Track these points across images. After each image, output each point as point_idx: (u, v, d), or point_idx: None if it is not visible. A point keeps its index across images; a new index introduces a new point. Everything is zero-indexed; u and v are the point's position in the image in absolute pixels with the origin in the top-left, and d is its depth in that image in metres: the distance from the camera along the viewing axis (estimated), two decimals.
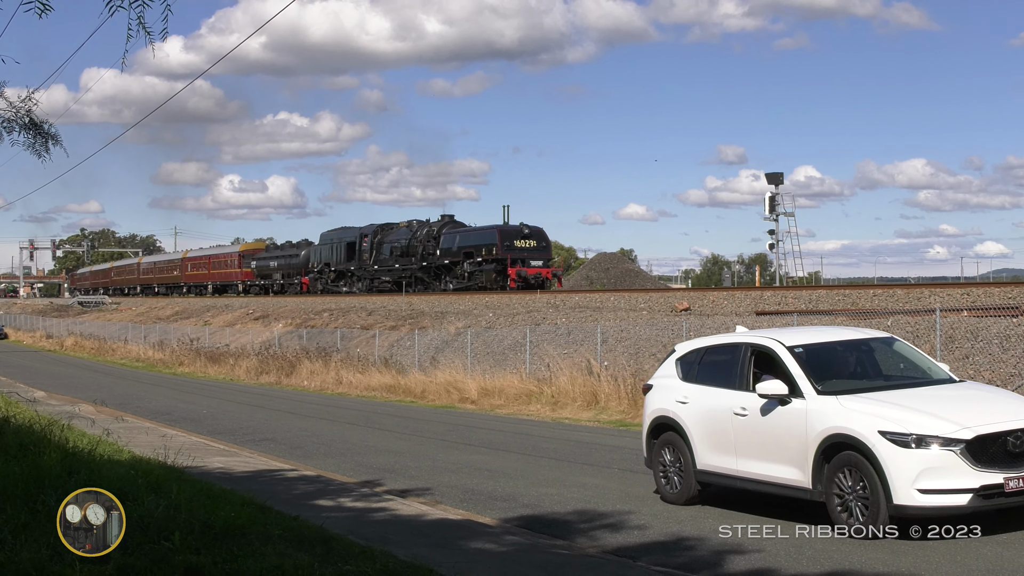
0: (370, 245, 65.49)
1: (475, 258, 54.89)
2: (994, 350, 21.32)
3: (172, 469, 13.89)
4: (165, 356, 55.42)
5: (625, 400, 25.75)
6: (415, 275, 60.45)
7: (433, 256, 58.88)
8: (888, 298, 29.46)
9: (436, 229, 59.80)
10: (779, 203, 65.24)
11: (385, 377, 35.98)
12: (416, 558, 9.68)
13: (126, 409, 28.56)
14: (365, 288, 64.94)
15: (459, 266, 56.41)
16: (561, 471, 17.07)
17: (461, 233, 58.30)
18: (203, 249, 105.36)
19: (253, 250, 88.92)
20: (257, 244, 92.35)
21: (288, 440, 22.43)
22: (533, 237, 54.63)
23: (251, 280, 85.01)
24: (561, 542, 11.71)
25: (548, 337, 33.26)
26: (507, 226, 55.45)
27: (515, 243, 53.48)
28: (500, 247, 53.12)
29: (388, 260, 63.34)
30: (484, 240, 55.10)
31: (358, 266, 66.64)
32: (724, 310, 32.61)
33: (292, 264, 77.23)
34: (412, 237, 61.12)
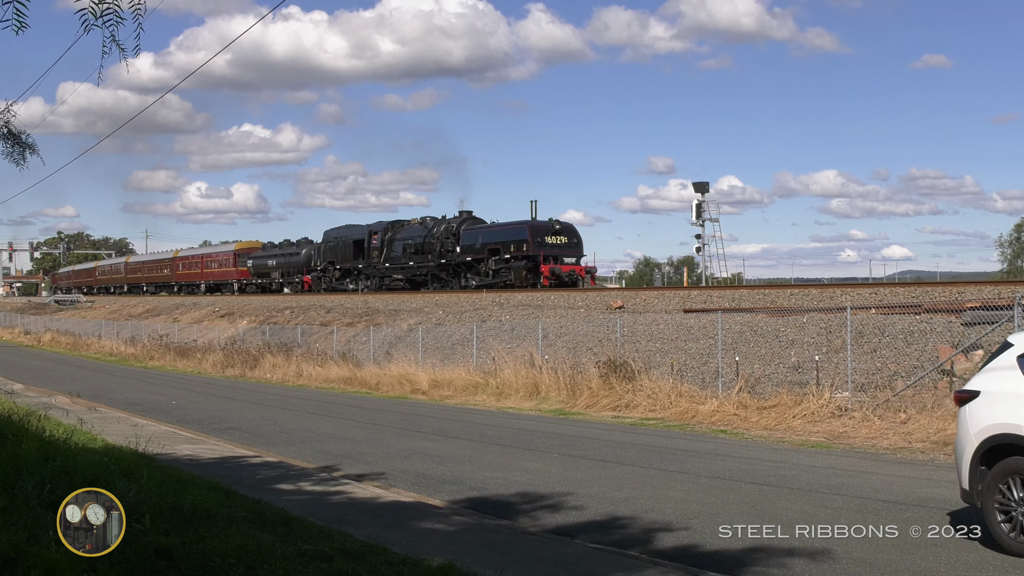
0: (380, 242, 59.68)
1: (502, 255, 49.08)
2: (899, 344, 21.56)
3: (143, 456, 13.76)
4: (137, 351, 54.89)
5: (564, 391, 25.85)
6: (432, 273, 54.83)
7: (452, 253, 53.23)
8: (804, 297, 29.72)
9: (455, 225, 54.04)
10: (705, 210, 65.56)
11: (342, 370, 35.88)
12: (371, 537, 9.67)
13: (100, 400, 28.25)
14: (375, 286, 59.46)
15: (483, 263, 50.59)
16: (505, 456, 17.10)
17: (484, 230, 52.42)
18: (195, 248, 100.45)
19: (249, 249, 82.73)
20: (253, 243, 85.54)
21: (252, 429, 22.30)
22: (564, 233, 49.10)
23: (247, 279, 79.41)
24: (505, 522, 11.72)
25: (493, 333, 33.30)
26: (537, 222, 49.94)
27: (546, 239, 48.08)
28: (531, 243, 47.52)
29: (400, 258, 57.54)
30: (512, 236, 49.06)
31: (366, 264, 61.13)
32: (655, 308, 32.76)
33: (292, 263, 71.88)
34: (428, 234, 55.40)
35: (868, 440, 17.91)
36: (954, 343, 20.43)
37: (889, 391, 20.09)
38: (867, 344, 22.00)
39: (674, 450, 17.50)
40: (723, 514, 11.56)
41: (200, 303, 70.10)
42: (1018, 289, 21.82)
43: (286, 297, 64.69)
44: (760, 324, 25.50)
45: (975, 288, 26.63)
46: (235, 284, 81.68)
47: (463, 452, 17.76)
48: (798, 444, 18.10)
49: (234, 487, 12.43)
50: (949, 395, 18.97)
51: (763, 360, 23.70)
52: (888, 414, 19.15)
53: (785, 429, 19.65)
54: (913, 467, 15.22)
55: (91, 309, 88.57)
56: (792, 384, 21.97)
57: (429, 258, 54.69)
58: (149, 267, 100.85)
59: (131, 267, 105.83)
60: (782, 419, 20.21)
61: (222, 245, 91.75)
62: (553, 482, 14.17)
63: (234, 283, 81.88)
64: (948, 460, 15.65)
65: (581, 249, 49.77)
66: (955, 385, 19.29)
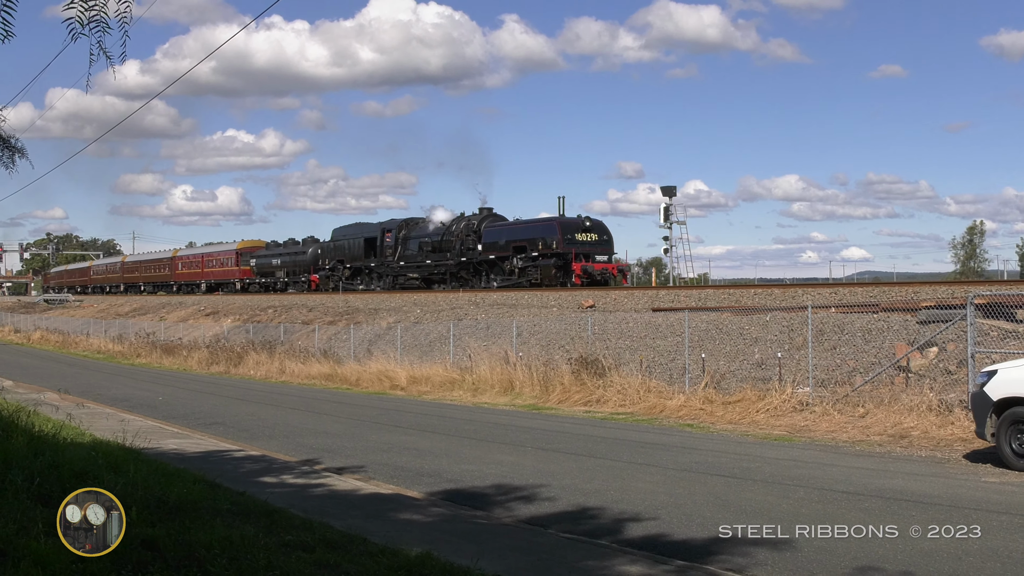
0: (394, 240, 56.09)
1: (528, 253, 45.53)
2: (857, 342, 21.66)
3: (130, 450, 13.69)
4: (124, 348, 54.59)
5: (537, 386, 25.85)
6: (451, 271, 51.34)
7: (473, 251, 49.63)
8: (767, 296, 29.82)
9: (476, 223, 50.65)
10: (672, 213, 65.54)
11: (324, 367, 35.78)
12: (351, 528, 9.64)
13: (88, 396, 28.07)
14: (388, 285, 56.05)
15: (507, 261, 47.12)
16: (481, 450, 17.09)
17: (509, 227, 49.01)
18: (195, 247, 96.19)
19: (252, 248, 78.97)
20: (256, 242, 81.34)
21: (236, 424, 22.20)
22: (595, 230, 45.43)
23: (250, 278, 75.87)
24: (480, 513, 11.71)
25: (470, 331, 33.29)
26: (566, 218, 46.66)
27: (576, 236, 44.55)
28: (561, 241, 44.12)
29: (417, 256, 54.08)
30: (540, 233, 45.63)
31: (379, 262, 57.37)
32: (624, 307, 32.79)
33: (298, 262, 68.13)
34: (446, 231, 52.28)
35: (828, 433, 17.99)
36: (910, 340, 20.53)
37: (848, 387, 20.18)
38: (827, 342, 22.09)
39: (643, 443, 17.53)
40: (690, 505, 11.59)
41: (186, 302, 69.78)
42: (971, 289, 21.96)
43: (269, 296, 64.16)
44: (725, 322, 25.58)
45: (930, 288, 26.78)
46: (237, 283, 78.46)
47: (440, 446, 17.74)
48: (761, 437, 18.15)
49: (219, 480, 12.36)
50: (906, 390, 19.10)
51: (728, 357, 23.77)
52: (847, 409, 19.24)
53: (749, 423, 19.72)
54: (871, 459, 15.29)
55: (80, 308, 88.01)
56: (756, 380, 22.03)
57: (448, 256, 51.66)
58: (146, 266, 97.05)
59: (128, 266, 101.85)
60: (746, 414, 20.28)
61: (224, 244, 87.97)
62: (527, 474, 14.16)
63: (236, 282, 78.56)
64: (904, 452, 15.78)
65: (612, 247, 46.49)
66: (910, 380, 19.42)
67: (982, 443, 14.68)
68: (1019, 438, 13.45)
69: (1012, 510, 10.87)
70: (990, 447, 14.27)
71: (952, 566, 8.59)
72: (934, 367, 19.59)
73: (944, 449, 15.79)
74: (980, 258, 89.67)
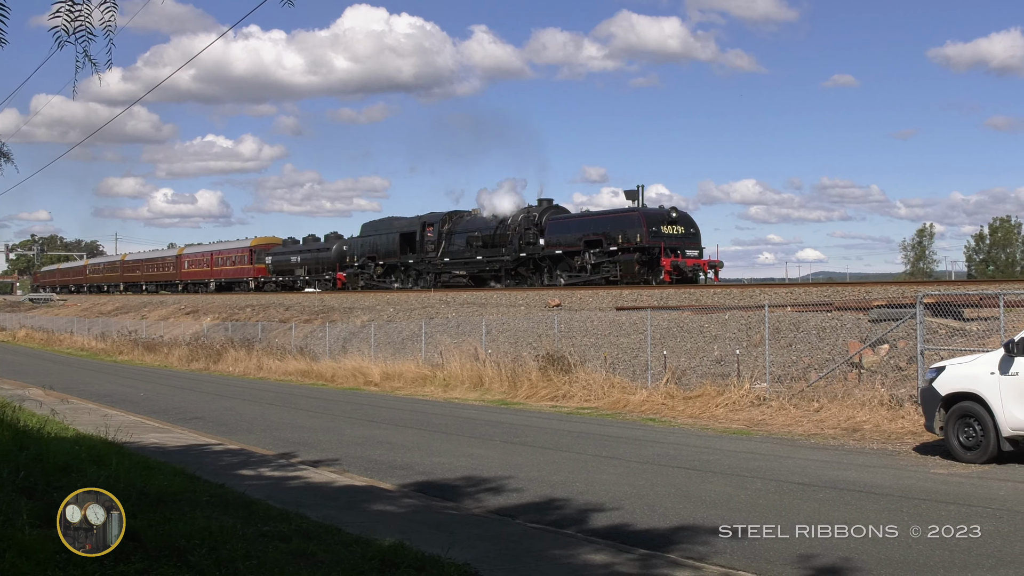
0: (437, 235, 50.49)
1: (604, 247, 39.78)
2: (812, 339, 21.78)
3: (112, 444, 13.59)
4: (107, 346, 54.20)
5: (506, 382, 25.86)
6: (507, 268, 45.88)
7: (534, 246, 44.12)
8: (726, 296, 29.92)
9: (537, 215, 45.10)
10: None
11: (300, 363, 35.65)
12: (327, 519, 9.61)
13: (71, 392, 27.85)
14: (429, 283, 50.56)
15: (576, 257, 41.43)
16: (451, 443, 17.07)
17: (580, 219, 43.42)
18: (202, 244, 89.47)
19: (267, 245, 73.22)
20: (271, 239, 75.75)
21: (215, 418, 22.08)
22: (681, 222, 39.90)
23: (265, 277, 70.31)
24: (451, 504, 11.70)
25: (441, 329, 33.26)
26: (649, 209, 40.63)
27: (662, 229, 38.92)
28: (646, 234, 38.38)
29: (464, 251, 48.74)
30: (620, 226, 39.71)
31: (419, 259, 51.73)
32: (590, 306, 32.83)
33: (321, 259, 62.76)
34: (500, 225, 46.57)
35: (784, 427, 18.07)
36: (862, 338, 20.66)
37: (803, 382, 20.29)
38: (783, 339, 22.20)
39: (607, 437, 17.56)
40: (652, 496, 11.62)
41: (167, 301, 69.34)
42: (920, 289, 22.12)
43: (247, 295, 63.61)
44: (686, 321, 25.66)
45: (881, 288, 26.96)
46: (251, 282, 72.41)
47: (412, 440, 17.71)
48: (721, 431, 18.22)
49: (198, 473, 12.32)
50: (858, 386, 19.22)
51: (689, 354, 23.84)
52: (803, 403, 19.34)
53: (709, 417, 19.79)
54: (825, 452, 15.38)
55: (64, 307, 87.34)
56: (715, 376, 22.11)
57: (503, 252, 46.05)
58: (148, 265, 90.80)
59: (128, 265, 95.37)
60: (706, 408, 20.35)
61: (235, 241, 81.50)
62: (495, 467, 14.16)
63: (250, 281, 72.59)
64: (857, 445, 15.87)
65: (700, 240, 40.85)
66: (863, 376, 19.54)
67: (931, 436, 14.80)
68: (966, 431, 13.55)
69: (959, 500, 10.96)
70: (938, 440, 14.39)
71: (901, 553, 8.65)
72: (885, 364, 19.72)
73: (895, 442, 15.89)
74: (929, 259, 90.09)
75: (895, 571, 8.12)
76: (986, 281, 26.27)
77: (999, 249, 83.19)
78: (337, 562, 7.61)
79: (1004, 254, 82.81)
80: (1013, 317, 18.00)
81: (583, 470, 13.77)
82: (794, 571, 8.24)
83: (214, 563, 7.19)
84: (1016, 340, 13.07)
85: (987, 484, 12.03)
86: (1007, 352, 13.13)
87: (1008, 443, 13.14)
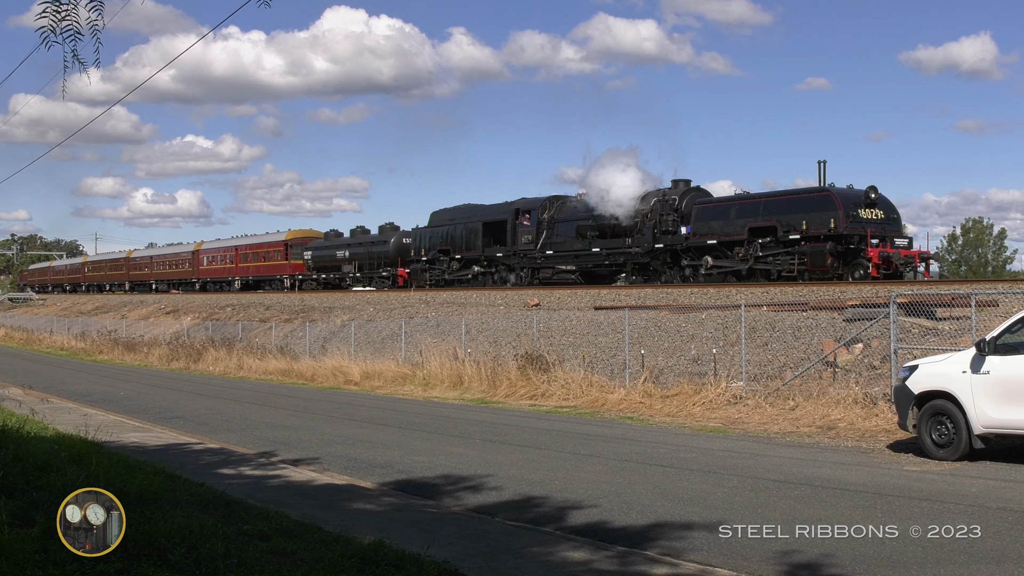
0: (535, 224, 42.52)
1: (779, 235, 32.38)
2: (788, 338, 21.87)
3: (92, 444, 13.52)
4: (86, 345, 53.91)
5: (485, 381, 25.85)
6: (636, 261, 38.16)
7: (674, 235, 36.46)
8: (703, 295, 29.98)
9: (676, 199, 37.52)
10: None
11: (280, 363, 35.56)
12: (306, 517, 9.59)
13: (51, 392, 27.69)
14: (523, 280, 43.12)
15: (739, 247, 33.77)
16: (431, 442, 17.06)
17: (741, 203, 34.96)
18: (222, 240, 79.42)
19: (305, 238, 64.83)
20: (309, 232, 67.78)
21: (195, 418, 22.00)
22: (881, 205, 32.09)
23: (303, 274, 62.14)
24: (430, 502, 11.69)
25: (420, 328, 33.23)
26: (841, 189, 32.59)
27: (859, 213, 31.39)
28: (843, 219, 30.87)
29: (572, 243, 41.05)
30: (803, 210, 32.05)
31: (509, 252, 43.77)
32: (568, 305, 32.85)
33: (375, 253, 54.97)
34: (624, 211, 38.71)
35: (760, 425, 18.14)
36: (837, 337, 20.76)
37: (779, 381, 20.37)
38: (759, 338, 22.29)
39: (585, 435, 17.58)
40: (630, 493, 11.64)
41: (147, 300, 68.98)
42: (893, 289, 22.22)
43: (227, 295, 62.98)
44: (663, 320, 25.72)
45: (855, 288, 27.05)
46: (286, 280, 63.80)
47: (392, 438, 17.69)
48: (698, 429, 18.27)
49: (178, 472, 12.26)
50: (833, 384, 19.31)
51: (666, 353, 23.90)
52: (778, 402, 19.41)
53: (686, 416, 19.84)
54: (800, 449, 15.44)
55: (43, 306, 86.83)
56: (692, 375, 22.17)
57: (628, 242, 38.45)
58: (159, 262, 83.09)
59: (136, 263, 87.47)
60: (683, 407, 20.40)
61: (264, 235, 72.15)
62: (475, 465, 14.16)
63: (285, 279, 64.03)
64: (832, 443, 15.94)
65: (902, 227, 33.53)
66: (837, 375, 19.64)
67: (904, 434, 14.87)
68: (939, 429, 13.61)
69: (932, 497, 11.02)
70: (912, 438, 14.46)
71: (875, 549, 8.69)
72: (859, 362, 19.82)
73: (869, 440, 15.97)
74: None
75: (869, 567, 8.17)
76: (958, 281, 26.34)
77: (971, 249, 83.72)
78: (317, 560, 7.60)
79: (976, 254, 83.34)
80: (984, 316, 18.12)
81: (562, 468, 13.78)
82: (770, 567, 8.27)
83: (194, 562, 7.17)
84: (987, 339, 13.16)
85: (959, 481, 12.10)
86: (979, 351, 13.21)
87: (980, 441, 13.22)
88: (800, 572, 8.14)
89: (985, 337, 13.29)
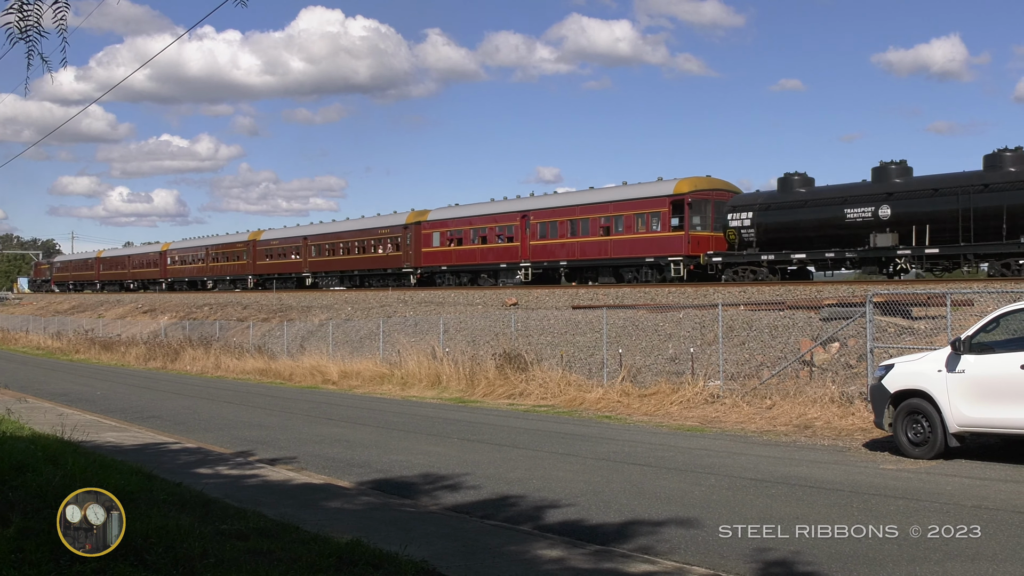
0: None
1: None
2: (765, 337, 21.96)
3: (68, 443, 13.45)
4: (63, 345, 53.63)
5: (464, 380, 25.84)
6: None
7: None
8: (681, 295, 30.08)
9: None
10: None
11: (258, 362, 35.46)
12: (284, 517, 9.56)
13: (27, 391, 27.53)
14: None
15: None
16: (409, 441, 17.04)
17: None
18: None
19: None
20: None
21: (172, 417, 21.91)
22: None
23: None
24: (408, 501, 11.68)
25: (399, 328, 33.17)
26: None
27: None
28: None
29: None
30: None
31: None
32: (546, 304, 32.90)
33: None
34: None
35: (738, 424, 18.19)
36: (814, 336, 20.85)
37: (756, 380, 20.44)
38: (737, 337, 22.36)
39: (563, 434, 17.59)
40: (607, 492, 11.65)
41: (123, 300, 68.64)
42: (869, 289, 22.34)
43: (204, 294, 62.86)
44: (641, 319, 25.77)
45: (832, 288, 27.19)
46: (410, 276, 50.80)
47: (370, 437, 17.66)
48: (675, 428, 18.31)
49: (155, 472, 12.21)
50: (810, 383, 19.38)
51: (644, 352, 23.94)
52: (755, 400, 19.47)
53: (664, 415, 19.87)
54: (777, 448, 15.49)
55: (19, 305, 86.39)
56: (670, 374, 22.22)
57: None
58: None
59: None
60: (661, 405, 20.44)
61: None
62: (452, 464, 14.15)
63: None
64: (809, 442, 16.00)
65: None
66: (814, 374, 19.72)
67: (880, 433, 14.94)
68: (914, 428, 13.69)
69: (908, 495, 11.08)
70: (888, 436, 14.54)
71: (851, 547, 8.73)
72: (836, 361, 19.91)
73: (845, 438, 16.04)
74: None
75: (845, 565, 8.20)
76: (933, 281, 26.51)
77: None
78: (294, 560, 7.57)
79: None
80: (960, 316, 18.24)
81: (539, 467, 13.79)
82: (747, 565, 8.29)
83: (171, 562, 7.13)
84: (963, 338, 13.24)
85: (935, 479, 12.16)
86: (954, 350, 13.29)
87: (955, 439, 13.30)
88: (775, 570, 8.17)
89: (960, 336, 13.37)
